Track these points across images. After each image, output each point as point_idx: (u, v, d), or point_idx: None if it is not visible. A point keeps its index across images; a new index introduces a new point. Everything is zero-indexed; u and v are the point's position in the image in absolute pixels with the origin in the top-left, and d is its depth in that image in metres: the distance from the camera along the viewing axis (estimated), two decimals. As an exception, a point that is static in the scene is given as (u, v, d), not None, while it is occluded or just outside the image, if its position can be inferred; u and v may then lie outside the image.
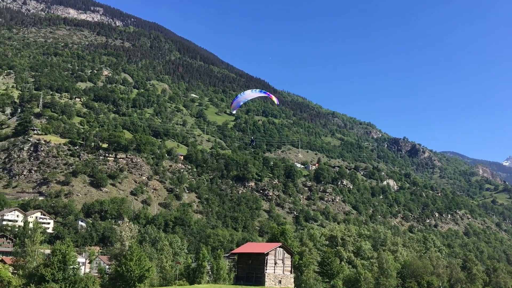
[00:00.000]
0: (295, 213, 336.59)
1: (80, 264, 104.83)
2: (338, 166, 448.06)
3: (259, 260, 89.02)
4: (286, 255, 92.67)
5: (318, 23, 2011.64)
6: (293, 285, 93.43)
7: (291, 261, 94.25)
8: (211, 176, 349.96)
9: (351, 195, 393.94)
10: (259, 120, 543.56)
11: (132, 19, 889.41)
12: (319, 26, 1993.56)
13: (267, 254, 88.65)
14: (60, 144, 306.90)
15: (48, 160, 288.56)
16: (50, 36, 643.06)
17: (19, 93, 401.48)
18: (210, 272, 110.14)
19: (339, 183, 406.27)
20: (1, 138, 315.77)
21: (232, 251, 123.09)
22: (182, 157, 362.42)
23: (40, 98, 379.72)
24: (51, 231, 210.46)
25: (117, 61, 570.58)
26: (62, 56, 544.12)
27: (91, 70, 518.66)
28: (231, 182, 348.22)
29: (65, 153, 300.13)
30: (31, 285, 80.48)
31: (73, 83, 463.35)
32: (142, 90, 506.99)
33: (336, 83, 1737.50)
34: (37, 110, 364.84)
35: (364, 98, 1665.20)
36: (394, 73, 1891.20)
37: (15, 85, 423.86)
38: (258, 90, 70.17)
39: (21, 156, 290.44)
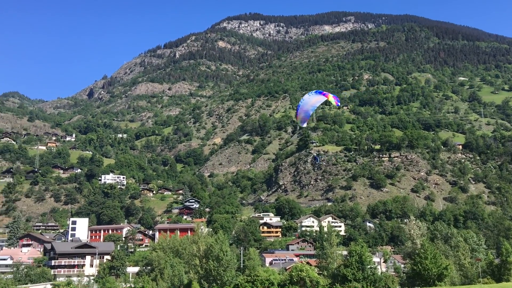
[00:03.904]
0: None
1: (376, 264, 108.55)
2: None
3: None
4: None
5: None
6: None
7: None
8: (499, 162, 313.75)
9: None
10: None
11: (383, 18, 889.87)
12: None
13: None
14: (336, 152, 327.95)
15: (329, 168, 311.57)
16: (312, 55, 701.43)
17: (295, 112, 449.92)
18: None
19: None
20: (288, 154, 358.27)
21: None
22: (460, 147, 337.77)
23: (313, 113, 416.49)
24: (343, 233, 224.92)
25: (375, 62, 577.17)
26: (325, 71, 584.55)
27: (352, 77, 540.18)
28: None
29: (342, 159, 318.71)
30: (336, 284, 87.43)
31: (338, 93, 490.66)
32: (405, 85, 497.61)
33: None
34: (312, 124, 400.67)
35: None
36: None
37: (291, 105, 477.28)
38: (313, 92, 56.15)
39: (306, 168, 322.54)
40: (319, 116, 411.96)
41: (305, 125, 58.25)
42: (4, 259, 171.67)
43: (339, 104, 56.05)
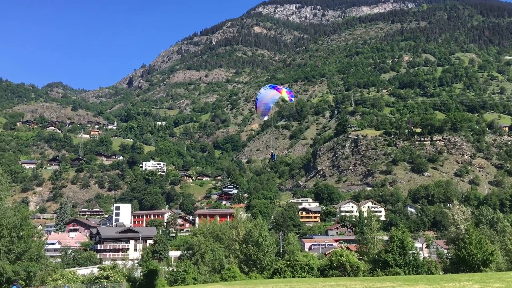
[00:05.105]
0: None
1: (418, 249, 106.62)
2: None
3: None
4: None
5: None
6: None
7: None
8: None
9: None
10: None
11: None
12: None
13: None
14: (376, 136, 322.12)
15: (369, 153, 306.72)
16: (349, 38, 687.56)
17: (333, 97, 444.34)
18: None
19: None
20: (326, 139, 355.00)
21: None
22: (507, 128, 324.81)
23: (351, 97, 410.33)
24: (384, 219, 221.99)
25: (416, 43, 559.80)
26: (363, 53, 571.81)
27: (391, 60, 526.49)
28: None
29: (382, 144, 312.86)
30: (377, 269, 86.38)
31: (377, 76, 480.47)
32: (447, 66, 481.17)
33: None
34: (350, 108, 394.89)
35: None
36: None
37: (328, 90, 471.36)
38: (268, 86, 52.22)
39: (344, 152, 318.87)
40: (358, 100, 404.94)
41: (266, 117, 55.64)
42: (53, 244, 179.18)
43: (293, 99, 53.25)
